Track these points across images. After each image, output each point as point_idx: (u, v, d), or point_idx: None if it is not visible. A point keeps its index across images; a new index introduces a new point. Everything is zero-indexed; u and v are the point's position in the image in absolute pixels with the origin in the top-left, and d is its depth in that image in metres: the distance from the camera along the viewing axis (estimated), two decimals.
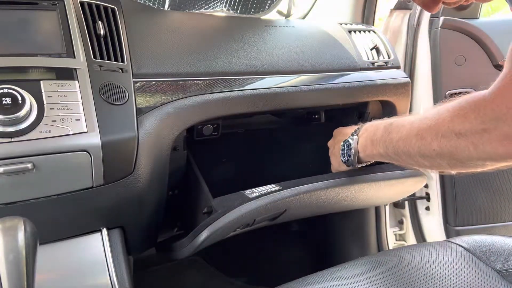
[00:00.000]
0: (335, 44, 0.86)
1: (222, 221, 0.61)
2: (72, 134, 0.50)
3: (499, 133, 0.47)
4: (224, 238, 0.74)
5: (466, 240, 0.63)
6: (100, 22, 0.60)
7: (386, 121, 0.68)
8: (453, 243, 0.62)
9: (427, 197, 1.17)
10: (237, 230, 0.71)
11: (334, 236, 1.20)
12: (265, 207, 0.62)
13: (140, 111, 0.58)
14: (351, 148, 0.72)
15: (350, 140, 0.73)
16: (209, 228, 0.62)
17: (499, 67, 1.08)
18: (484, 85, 0.50)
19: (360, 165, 0.73)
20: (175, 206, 0.69)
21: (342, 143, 0.75)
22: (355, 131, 0.74)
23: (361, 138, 0.71)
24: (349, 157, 0.72)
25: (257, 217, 0.68)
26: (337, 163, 0.79)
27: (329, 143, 0.84)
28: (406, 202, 1.22)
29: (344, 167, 0.77)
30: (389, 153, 0.65)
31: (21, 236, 0.38)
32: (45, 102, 0.50)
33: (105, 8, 0.62)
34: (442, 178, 1.13)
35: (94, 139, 0.51)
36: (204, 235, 0.62)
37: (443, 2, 0.57)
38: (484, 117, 0.48)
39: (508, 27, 1.13)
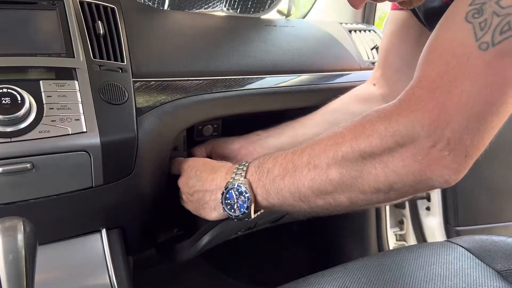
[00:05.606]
0: (335, 43, 0.86)
1: (223, 225, 0.61)
2: (72, 134, 0.50)
3: (415, 147, 0.40)
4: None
5: (467, 240, 0.63)
6: (99, 21, 0.60)
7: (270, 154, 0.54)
8: (454, 243, 0.62)
9: (428, 197, 1.17)
10: (239, 233, 0.71)
11: (334, 236, 1.20)
12: (267, 211, 0.61)
13: (140, 111, 0.57)
14: (246, 197, 0.51)
15: (238, 185, 0.51)
16: (211, 232, 0.61)
17: None
18: None
19: (256, 215, 0.54)
20: (176, 206, 0.69)
21: (224, 190, 0.53)
22: (237, 169, 0.54)
23: (253, 177, 0.52)
24: (246, 209, 0.51)
25: (259, 220, 0.68)
26: (207, 215, 0.57)
27: (180, 184, 0.62)
28: (407, 202, 1.22)
29: (221, 217, 0.57)
30: (271, 198, 0.50)
31: (20, 237, 0.38)
32: (44, 102, 0.50)
33: (105, 7, 0.62)
34: None
35: (93, 139, 0.51)
36: (205, 239, 0.62)
37: None
38: (396, 128, 0.40)
39: None
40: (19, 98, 0.48)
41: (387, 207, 1.16)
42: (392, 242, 1.20)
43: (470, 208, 1.12)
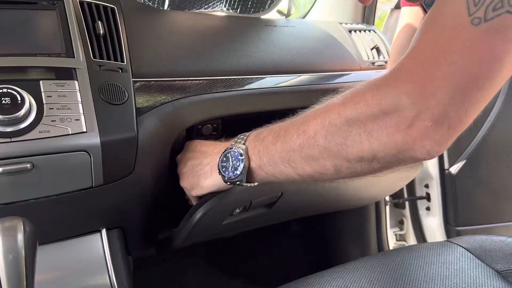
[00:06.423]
0: (335, 43, 0.86)
1: (217, 199, 0.60)
2: (72, 134, 0.50)
3: (399, 116, 0.40)
4: (224, 233, 0.74)
5: (467, 240, 0.63)
6: (99, 21, 0.60)
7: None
8: (454, 243, 0.62)
9: (428, 197, 1.17)
10: (234, 213, 0.70)
11: (334, 236, 1.20)
12: (261, 187, 0.60)
13: (140, 111, 0.57)
14: (240, 160, 0.52)
15: (236, 150, 0.53)
16: (204, 207, 0.60)
17: None
18: None
19: (249, 184, 0.54)
20: (176, 206, 0.69)
21: (221, 155, 0.55)
22: (238, 138, 0.56)
23: (250, 145, 0.54)
24: (239, 172, 0.52)
25: (253, 199, 0.67)
26: (201, 182, 0.59)
27: (179, 158, 0.64)
28: (407, 202, 1.22)
29: (216, 186, 0.58)
30: (264, 165, 0.51)
31: (20, 237, 0.38)
32: (44, 102, 0.50)
33: (105, 7, 0.62)
34: (443, 178, 1.13)
35: (93, 139, 0.51)
36: (199, 214, 0.61)
37: None
38: (383, 97, 0.41)
39: None
40: (19, 98, 0.48)
41: (387, 207, 1.16)
42: (392, 242, 1.20)
43: (470, 208, 1.12)
